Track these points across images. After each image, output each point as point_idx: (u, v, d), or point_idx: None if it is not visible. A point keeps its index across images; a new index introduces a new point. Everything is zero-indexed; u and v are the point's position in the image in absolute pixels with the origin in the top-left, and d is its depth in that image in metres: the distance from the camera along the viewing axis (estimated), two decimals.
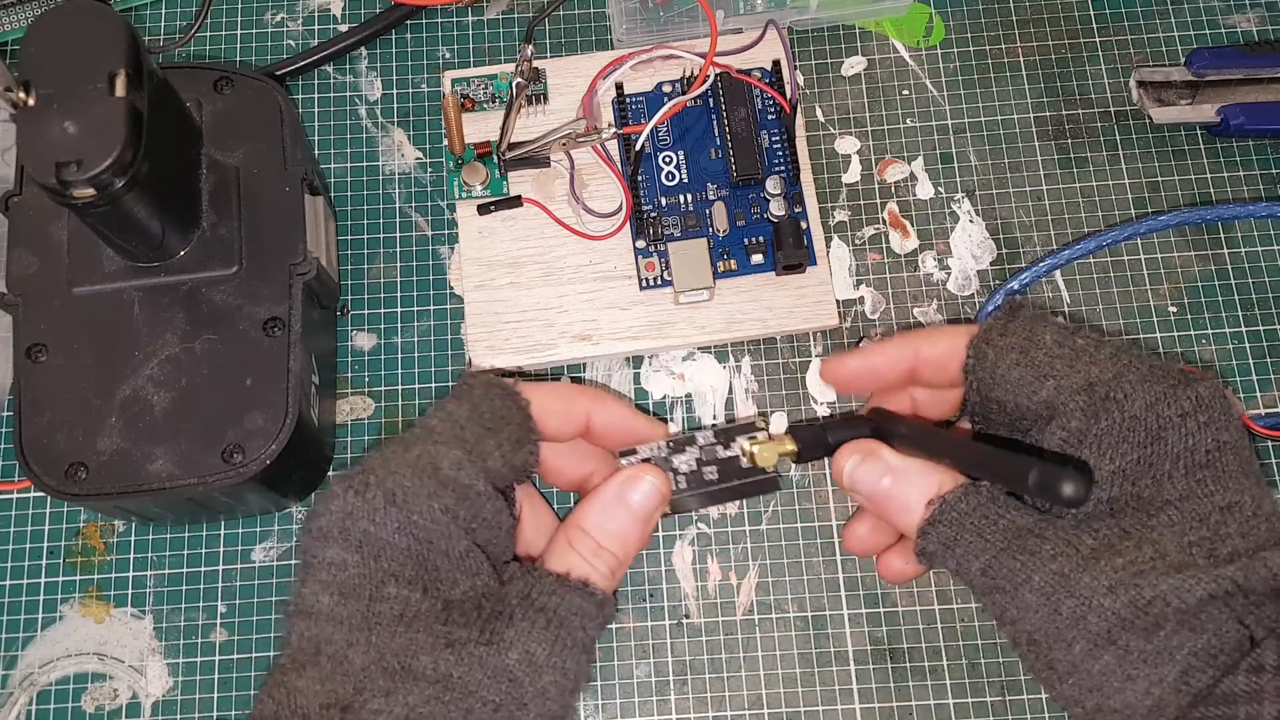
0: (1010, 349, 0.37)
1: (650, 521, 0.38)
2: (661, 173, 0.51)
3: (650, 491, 0.38)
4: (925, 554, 0.36)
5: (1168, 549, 0.32)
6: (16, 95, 0.37)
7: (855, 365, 0.41)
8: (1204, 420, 0.34)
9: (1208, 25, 0.55)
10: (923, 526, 0.35)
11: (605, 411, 0.40)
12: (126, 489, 0.42)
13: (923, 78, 0.55)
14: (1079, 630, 0.32)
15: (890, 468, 0.37)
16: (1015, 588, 0.33)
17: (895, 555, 0.41)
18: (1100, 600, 0.32)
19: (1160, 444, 0.34)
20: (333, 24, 0.55)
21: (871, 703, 0.46)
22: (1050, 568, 0.33)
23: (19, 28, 0.54)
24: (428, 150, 0.54)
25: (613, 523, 0.37)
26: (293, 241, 0.45)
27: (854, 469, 0.38)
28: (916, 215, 0.52)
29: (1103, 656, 0.32)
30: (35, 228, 0.45)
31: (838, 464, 0.38)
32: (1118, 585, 0.32)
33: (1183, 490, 0.33)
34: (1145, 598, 0.31)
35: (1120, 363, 0.35)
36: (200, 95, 0.47)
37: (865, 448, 0.38)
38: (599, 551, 0.36)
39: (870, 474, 0.37)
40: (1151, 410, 0.34)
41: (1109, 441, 0.34)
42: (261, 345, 0.43)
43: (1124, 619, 0.32)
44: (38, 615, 0.47)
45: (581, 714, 0.46)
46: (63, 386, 0.43)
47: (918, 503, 0.36)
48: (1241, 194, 0.53)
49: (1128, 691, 0.32)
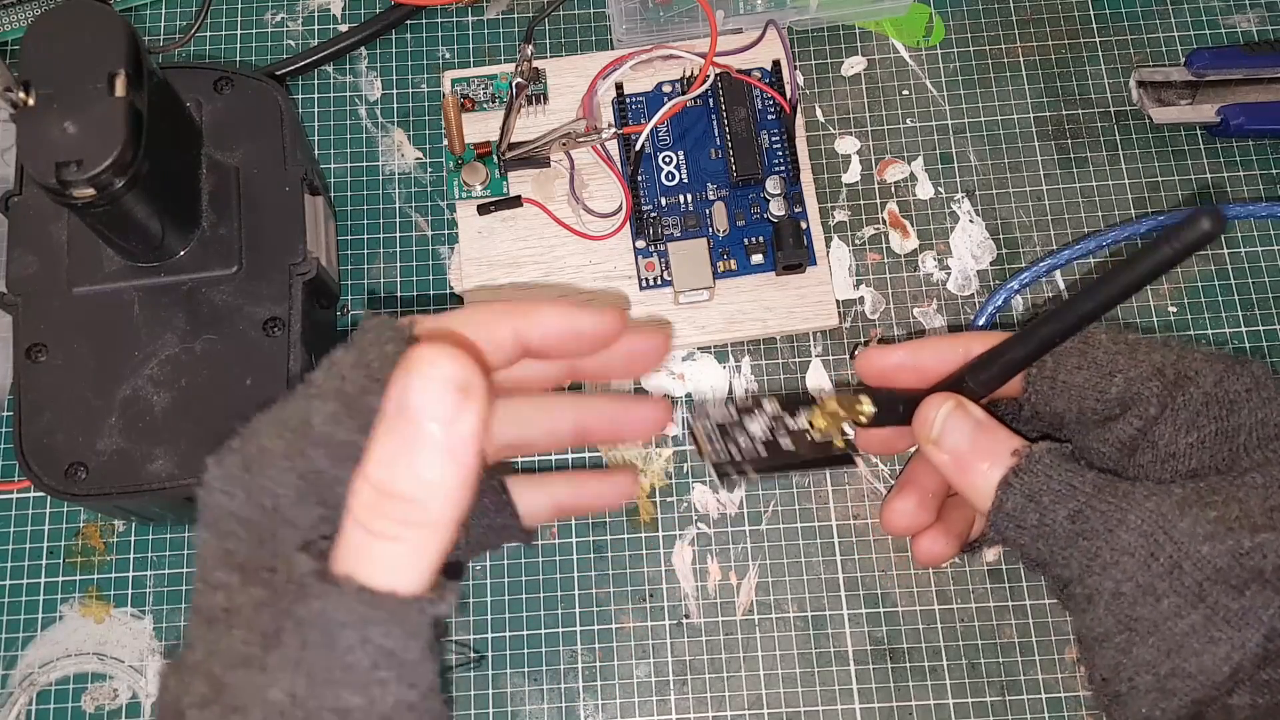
0: (1069, 353, 0.36)
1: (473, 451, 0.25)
2: (661, 173, 0.51)
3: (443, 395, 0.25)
4: (1002, 511, 0.34)
5: (1253, 510, 0.32)
6: (16, 95, 0.37)
7: (899, 358, 0.38)
8: (1266, 396, 0.34)
9: (1208, 25, 0.55)
10: (1008, 476, 0.34)
11: (536, 325, 0.31)
12: (126, 489, 0.42)
13: (923, 78, 0.55)
14: (1172, 580, 0.31)
15: (978, 421, 0.35)
16: (1110, 529, 0.32)
17: (931, 536, 0.40)
18: (1199, 547, 0.31)
19: (1234, 416, 0.34)
20: (333, 24, 0.55)
21: (871, 703, 0.46)
22: (1147, 506, 0.32)
23: (19, 28, 0.54)
24: (428, 150, 0.54)
25: (419, 471, 0.25)
26: (293, 241, 0.45)
27: (945, 417, 0.35)
28: (916, 215, 0.52)
29: (1190, 615, 0.31)
30: (35, 228, 0.45)
31: (925, 415, 0.35)
32: (1214, 535, 0.31)
33: (1259, 459, 0.33)
34: (1244, 547, 0.31)
35: (1175, 348, 0.36)
36: (200, 95, 0.47)
37: (954, 398, 0.35)
38: (403, 524, 0.25)
39: (962, 425, 0.35)
40: (1220, 385, 0.34)
41: (1185, 416, 0.34)
42: (261, 345, 0.43)
43: (1220, 569, 0.31)
44: (38, 615, 0.47)
45: (581, 714, 0.46)
46: (63, 386, 0.43)
47: (1000, 459, 0.34)
48: (1241, 194, 0.53)
49: (1206, 655, 0.31)
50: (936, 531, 0.39)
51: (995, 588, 0.47)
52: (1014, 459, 0.34)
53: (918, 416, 0.36)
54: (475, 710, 0.46)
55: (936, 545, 0.39)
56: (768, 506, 0.48)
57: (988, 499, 0.34)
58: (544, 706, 0.46)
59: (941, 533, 0.39)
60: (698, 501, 0.49)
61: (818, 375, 0.50)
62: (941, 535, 0.39)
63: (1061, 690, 0.46)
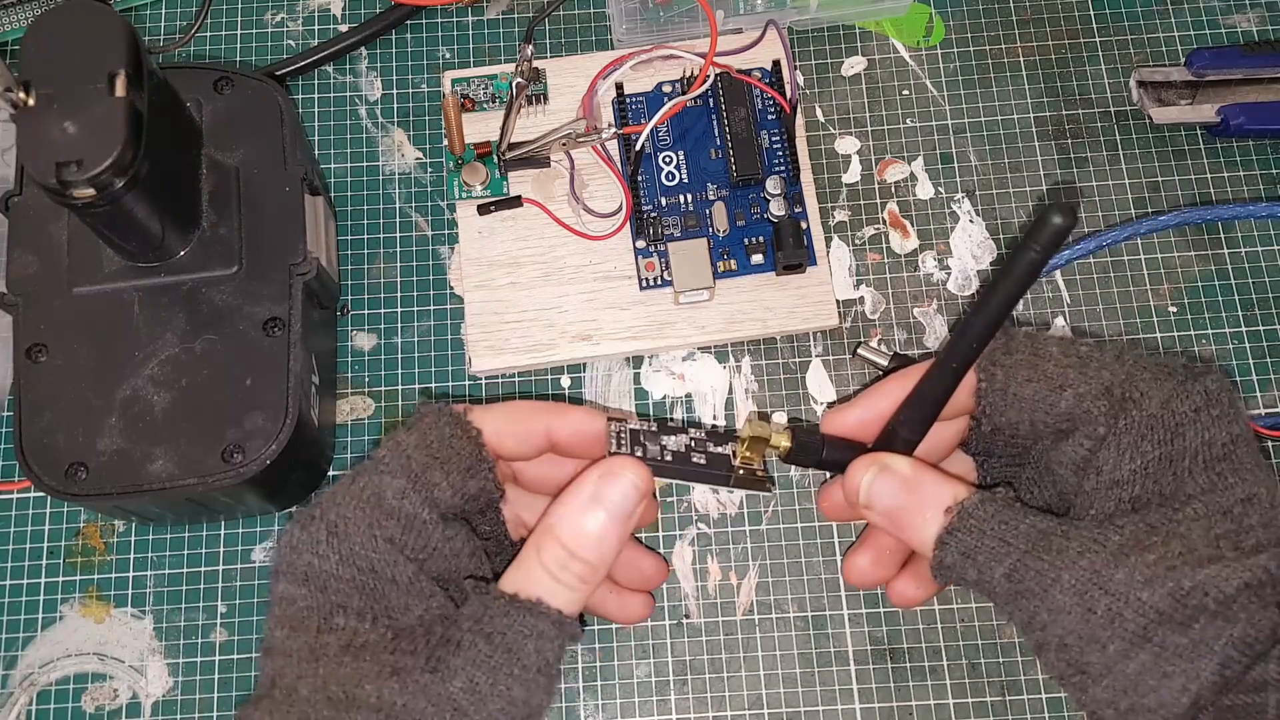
0: (1019, 366, 0.36)
1: (630, 521, 0.35)
2: (661, 173, 0.51)
3: (629, 489, 0.35)
4: (943, 566, 0.34)
5: (1196, 543, 0.32)
6: (16, 95, 0.37)
7: (858, 415, 0.38)
8: (1216, 414, 0.34)
9: (1208, 25, 0.55)
10: (941, 535, 0.34)
11: (565, 423, 0.38)
12: (126, 489, 0.42)
13: (923, 78, 0.55)
14: (1114, 629, 0.32)
15: (904, 479, 0.35)
16: (1045, 589, 0.32)
17: (904, 580, 0.40)
18: (1138, 594, 0.31)
19: (1179, 440, 0.34)
20: (333, 24, 0.55)
21: (871, 703, 0.46)
22: (1080, 564, 0.32)
23: (19, 28, 0.54)
24: (428, 150, 0.54)
25: (587, 525, 0.34)
26: (293, 241, 0.45)
27: (871, 482, 0.36)
28: (916, 215, 0.52)
29: (1138, 655, 0.31)
30: (35, 228, 0.45)
31: (851, 481, 0.37)
32: (1153, 579, 0.31)
33: (1204, 484, 0.33)
34: (1184, 588, 0.31)
35: (1127, 364, 0.35)
36: (200, 95, 0.47)
37: (878, 460, 0.36)
38: (569, 561, 0.34)
39: (887, 487, 0.36)
40: (1167, 407, 0.34)
41: (1129, 440, 0.34)
42: (261, 345, 0.43)
43: (1162, 612, 0.31)
44: (38, 615, 0.47)
45: (581, 714, 0.46)
46: (63, 386, 0.43)
47: (935, 513, 0.34)
48: (1241, 194, 0.53)
49: (1163, 689, 0.31)
50: (907, 578, 0.41)
51: None
52: (947, 516, 0.34)
53: (846, 482, 0.37)
54: None
55: (909, 590, 0.41)
56: (768, 507, 0.48)
57: (929, 552, 0.35)
58: None
59: (912, 577, 0.41)
60: (698, 501, 0.49)
61: (818, 375, 0.50)
62: (912, 580, 0.41)
63: (1061, 690, 0.46)
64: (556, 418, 0.38)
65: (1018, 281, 0.32)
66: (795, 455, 0.38)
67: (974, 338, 0.34)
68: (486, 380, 0.50)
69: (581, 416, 0.38)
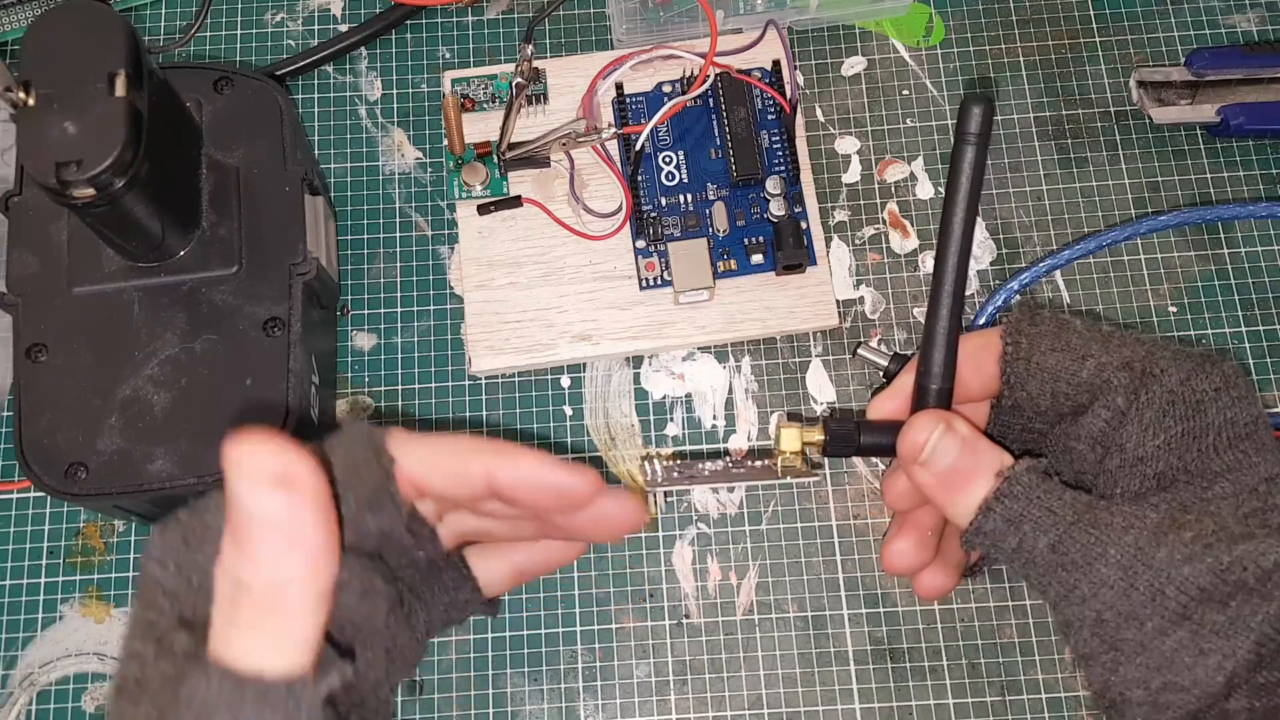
0: (1043, 335, 0.36)
1: (317, 535, 0.26)
2: (661, 173, 0.51)
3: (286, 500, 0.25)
4: (980, 533, 0.33)
5: (1227, 521, 0.32)
6: (16, 95, 0.37)
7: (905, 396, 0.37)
8: (1236, 395, 0.34)
9: (1208, 25, 0.55)
10: (988, 500, 0.33)
11: (509, 469, 0.30)
12: (126, 489, 0.42)
13: (923, 78, 0.55)
14: (1155, 605, 0.31)
15: (965, 439, 0.34)
16: (1090, 562, 0.32)
17: (931, 571, 0.40)
18: (1179, 571, 0.31)
19: (1201, 416, 0.34)
20: (333, 24, 0.55)
21: (871, 703, 0.46)
22: (1125, 540, 0.32)
23: (19, 28, 0.54)
24: (428, 150, 0.54)
25: (265, 564, 0.25)
26: (293, 241, 0.45)
27: (939, 439, 0.34)
28: (916, 215, 0.52)
29: (1176, 632, 0.31)
30: (35, 228, 0.45)
31: (913, 439, 0.35)
32: (1193, 556, 0.31)
33: (1229, 462, 0.33)
34: (1224, 563, 0.31)
35: (1147, 344, 0.36)
36: (200, 95, 0.47)
37: (945, 417, 0.35)
38: (261, 613, 0.25)
39: (951, 445, 0.34)
40: (1187, 384, 0.34)
41: (1152, 415, 0.34)
42: (261, 345, 0.43)
43: (1203, 589, 0.31)
44: (38, 615, 0.47)
45: (581, 714, 0.46)
46: (63, 386, 0.43)
47: (986, 477, 0.34)
48: (1241, 194, 0.53)
49: (1199, 667, 0.31)
50: (935, 566, 0.40)
51: (995, 588, 0.47)
52: (997, 480, 0.34)
53: (904, 439, 0.35)
54: (475, 710, 0.46)
55: (937, 579, 0.39)
56: (768, 506, 0.48)
57: (968, 518, 0.34)
58: (544, 706, 0.46)
59: (940, 566, 0.40)
60: (698, 501, 0.49)
61: (818, 375, 0.50)
62: (940, 568, 0.40)
63: (1061, 690, 0.46)
64: (499, 460, 0.30)
65: (970, 178, 0.33)
66: (832, 447, 0.37)
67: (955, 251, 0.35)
68: (486, 380, 0.50)
69: (532, 463, 0.30)
